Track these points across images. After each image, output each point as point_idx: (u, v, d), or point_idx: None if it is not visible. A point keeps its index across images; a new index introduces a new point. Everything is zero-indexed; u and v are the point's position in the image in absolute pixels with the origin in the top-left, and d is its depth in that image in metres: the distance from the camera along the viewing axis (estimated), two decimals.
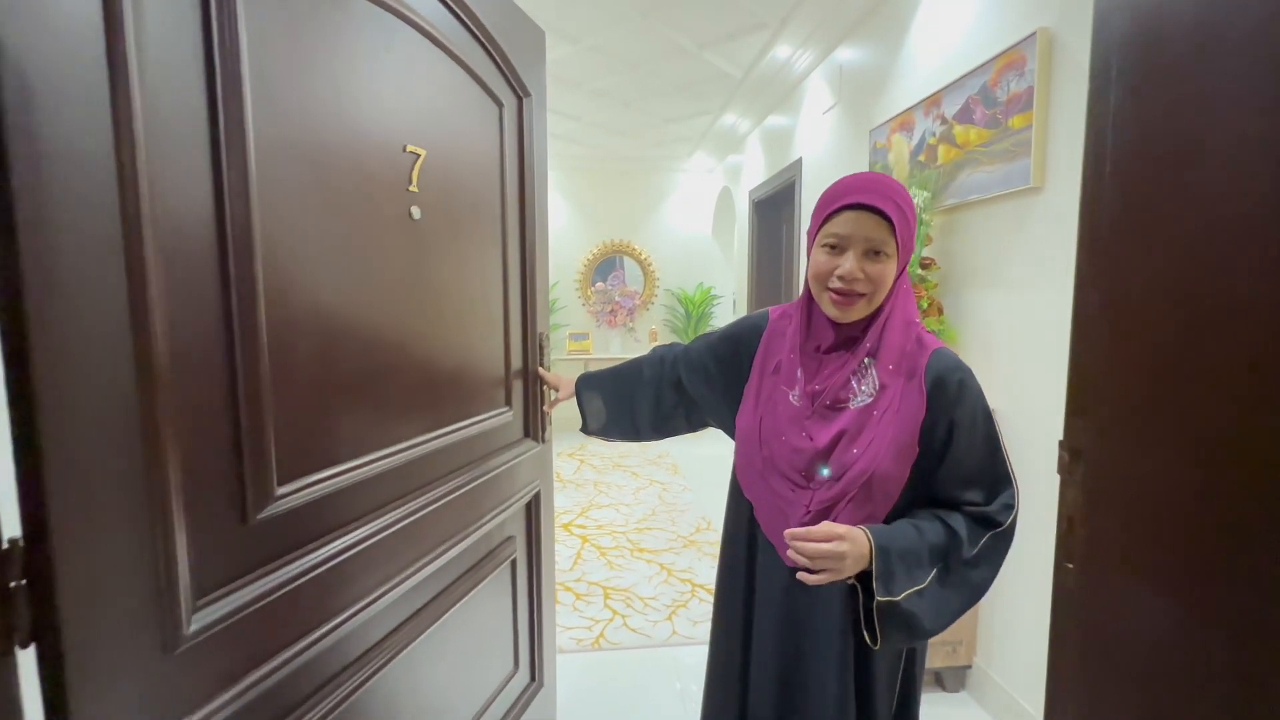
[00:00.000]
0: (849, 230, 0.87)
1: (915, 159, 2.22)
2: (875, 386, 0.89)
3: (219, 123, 0.71)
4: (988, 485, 0.88)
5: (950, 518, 0.87)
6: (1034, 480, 1.70)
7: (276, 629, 0.81)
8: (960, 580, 0.86)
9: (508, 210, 1.34)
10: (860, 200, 0.86)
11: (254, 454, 0.77)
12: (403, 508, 1.05)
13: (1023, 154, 1.67)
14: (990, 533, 0.87)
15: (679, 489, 4.05)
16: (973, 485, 0.88)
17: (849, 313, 0.89)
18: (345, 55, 0.89)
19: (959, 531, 0.86)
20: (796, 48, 3.20)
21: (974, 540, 0.86)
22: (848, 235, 0.87)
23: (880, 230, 0.86)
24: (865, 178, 0.89)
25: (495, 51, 1.28)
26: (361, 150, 0.93)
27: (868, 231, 0.86)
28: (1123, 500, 0.71)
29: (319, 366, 0.87)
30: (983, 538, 0.87)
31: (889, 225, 0.86)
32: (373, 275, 0.96)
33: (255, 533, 0.78)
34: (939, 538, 0.86)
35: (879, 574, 0.81)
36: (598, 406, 1.31)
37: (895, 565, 0.82)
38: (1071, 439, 0.76)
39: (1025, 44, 1.65)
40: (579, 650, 2.20)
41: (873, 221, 0.86)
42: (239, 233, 0.73)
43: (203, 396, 0.71)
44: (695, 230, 6.06)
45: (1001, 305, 1.84)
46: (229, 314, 0.73)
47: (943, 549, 0.85)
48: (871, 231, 0.86)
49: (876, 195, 0.86)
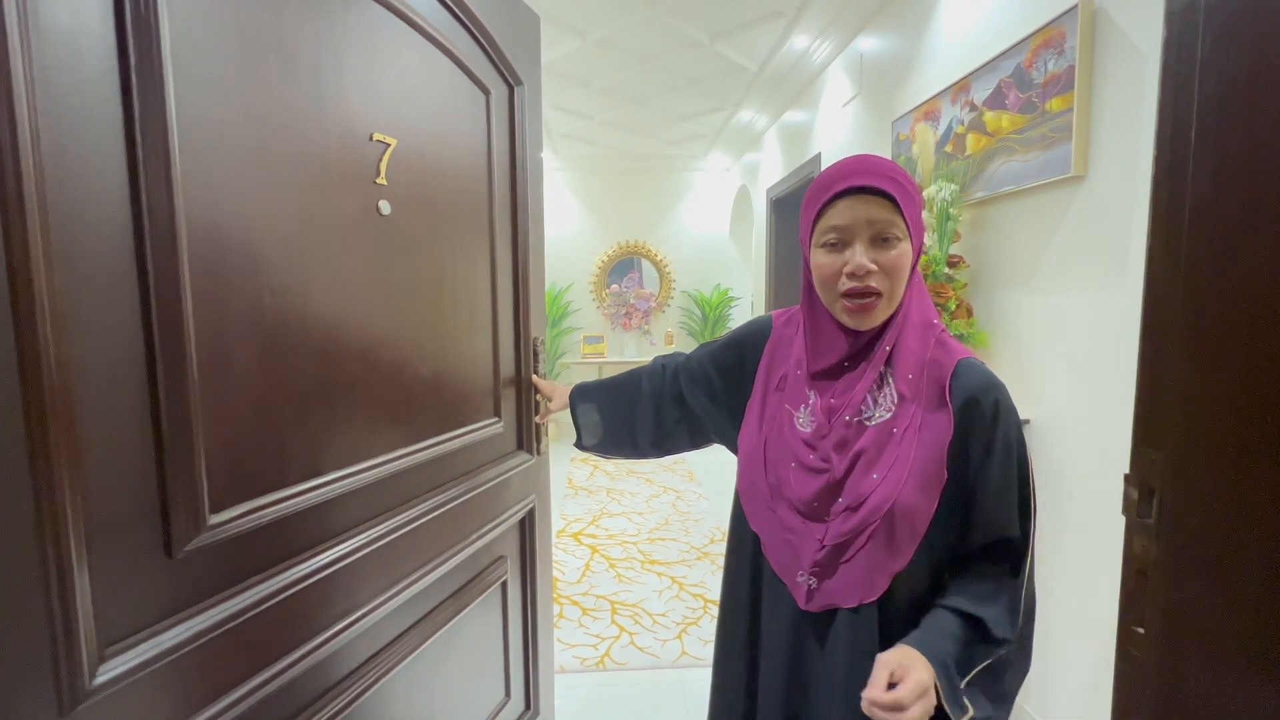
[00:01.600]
0: (848, 219, 0.74)
1: (941, 150, 2.07)
2: (894, 400, 0.76)
3: (133, 98, 0.62)
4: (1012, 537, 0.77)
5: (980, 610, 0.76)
6: (1070, 503, 1.55)
7: (215, 672, 0.72)
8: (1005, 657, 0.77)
9: (496, 206, 1.24)
10: (854, 184, 0.74)
11: (180, 478, 0.67)
12: (372, 531, 0.95)
13: (1062, 140, 1.52)
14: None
15: (694, 497, 3.93)
16: (998, 535, 0.76)
17: (870, 318, 0.77)
18: (296, 32, 0.80)
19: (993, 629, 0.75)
20: (815, 37, 3.06)
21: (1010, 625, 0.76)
22: (848, 225, 0.75)
23: (885, 210, 0.74)
24: (854, 160, 0.76)
25: (482, 36, 1.18)
26: (316, 137, 0.83)
27: (871, 215, 0.74)
28: (1214, 555, 0.57)
29: (264, 377, 0.78)
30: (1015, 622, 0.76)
31: (893, 205, 0.74)
32: (331, 276, 0.87)
33: (183, 567, 0.69)
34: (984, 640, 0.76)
35: (947, 698, 0.71)
36: (594, 420, 1.19)
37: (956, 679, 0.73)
38: (1143, 473, 0.62)
39: (1065, 19, 1.51)
40: (583, 670, 2.09)
41: (874, 203, 0.74)
42: (159, 225, 0.64)
43: (111, 413, 0.61)
44: (712, 231, 5.93)
45: (1037, 307, 1.69)
46: (147, 317, 0.64)
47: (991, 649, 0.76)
48: (875, 213, 0.74)
49: (871, 175, 0.74)
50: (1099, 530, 1.47)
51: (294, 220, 0.80)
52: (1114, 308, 1.42)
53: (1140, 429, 0.64)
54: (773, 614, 0.86)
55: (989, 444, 0.75)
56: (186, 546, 0.69)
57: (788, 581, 0.82)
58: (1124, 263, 1.39)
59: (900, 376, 0.77)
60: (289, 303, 0.80)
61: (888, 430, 0.76)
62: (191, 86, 0.67)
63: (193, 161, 0.67)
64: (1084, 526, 1.52)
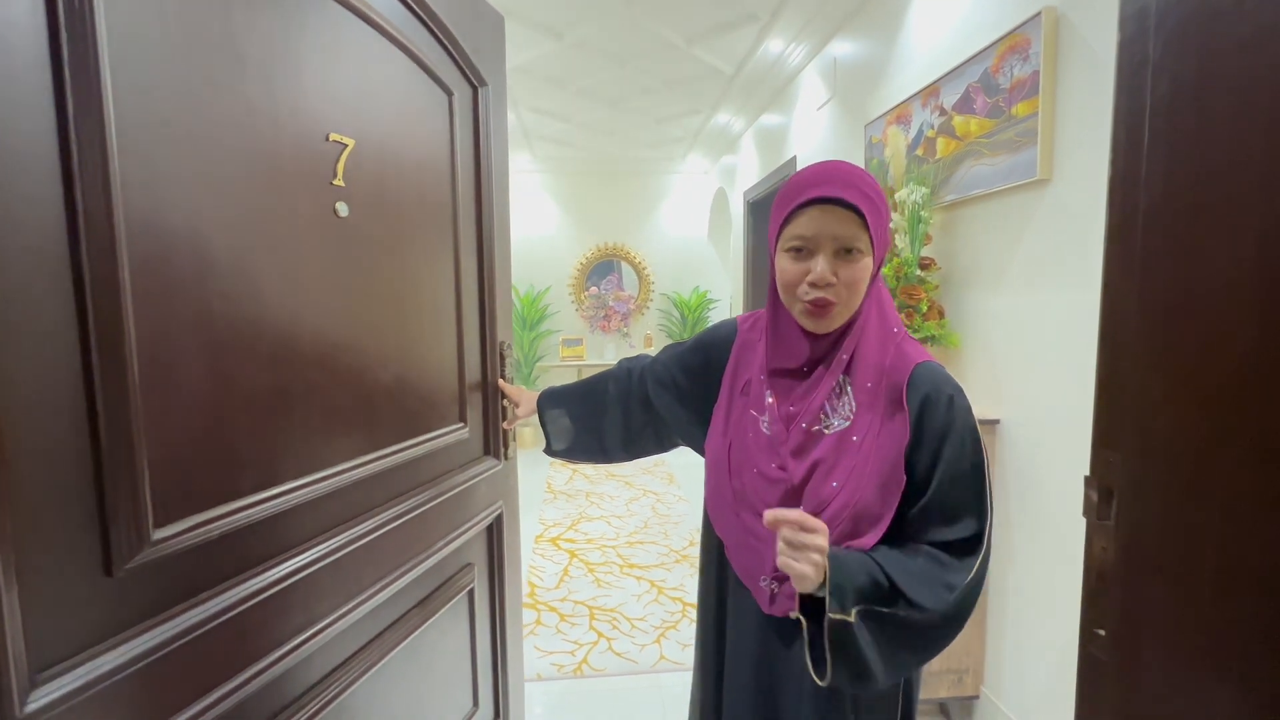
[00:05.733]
0: (814, 230, 0.75)
1: (913, 153, 2.09)
2: (852, 408, 0.77)
3: (66, 94, 0.59)
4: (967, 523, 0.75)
5: (925, 552, 0.74)
6: (1039, 504, 1.57)
7: (162, 694, 0.69)
8: (923, 625, 0.73)
9: (461, 209, 1.22)
10: (824, 194, 0.74)
11: (120, 493, 0.64)
12: (331, 541, 0.92)
13: (1028, 144, 1.54)
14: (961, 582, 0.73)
15: (674, 499, 3.92)
16: (954, 522, 0.75)
17: (827, 321, 0.78)
18: (247, 28, 0.77)
19: (934, 566, 0.73)
20: (789, 41, 3.08)
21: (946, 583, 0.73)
22: (813, 235, 0.76)
23: (850, 225, 0.74)
24: (826, 167, 0.77)
25: (444, 35, 1.16)
26: (269, 136, 0.80)
27: (836, 229, 0.75)
28: (1171, 557, 0.57)
29: (214, 385, 0.75)
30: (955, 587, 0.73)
31: (859, 219, 0.74)
32: (286, 280, 0.84)
33: (125, 585, 0.66)
34: (909, 567, 0.73)
35: (833, 588, 0.69)
36: (564, 425, 1.18)
37: (851, 578, 0.70)
38: (1101, 475, 0.62)
39: (1029, 25, 1.53)
40: (559, 678, 2.06)
41: (840, 216, 0.74)
42: (96, 228, 0.61)
43: (44, 426, 0.58)
44: (690, 233, 5.94)
45: (1006, 307, 1.71)
46: (84, 325, 0.61)
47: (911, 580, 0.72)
48: (840, 228, 0.74)
49: (841, 185, 0.74)
50: (1067, 531, 1.49)
51: (245, 222, 0.78)
52: (1078, 310, 1.44)
53: (1099, 431, 0.65)
54: (738, 618, 0.86)
55: (945, 433, 0.74)
56: (128, 564, 0.66)
57: (750, 586, 0.81)
58: (1086, 265, 1.41)
59: (859, 385, 0.77)
60: (241, 308, 0.78)
61: (847, 438, 0.76)
62: (132, 82, 0.64)
63: (133, 161, 0.64)
64: (1053, 527, 1.54)
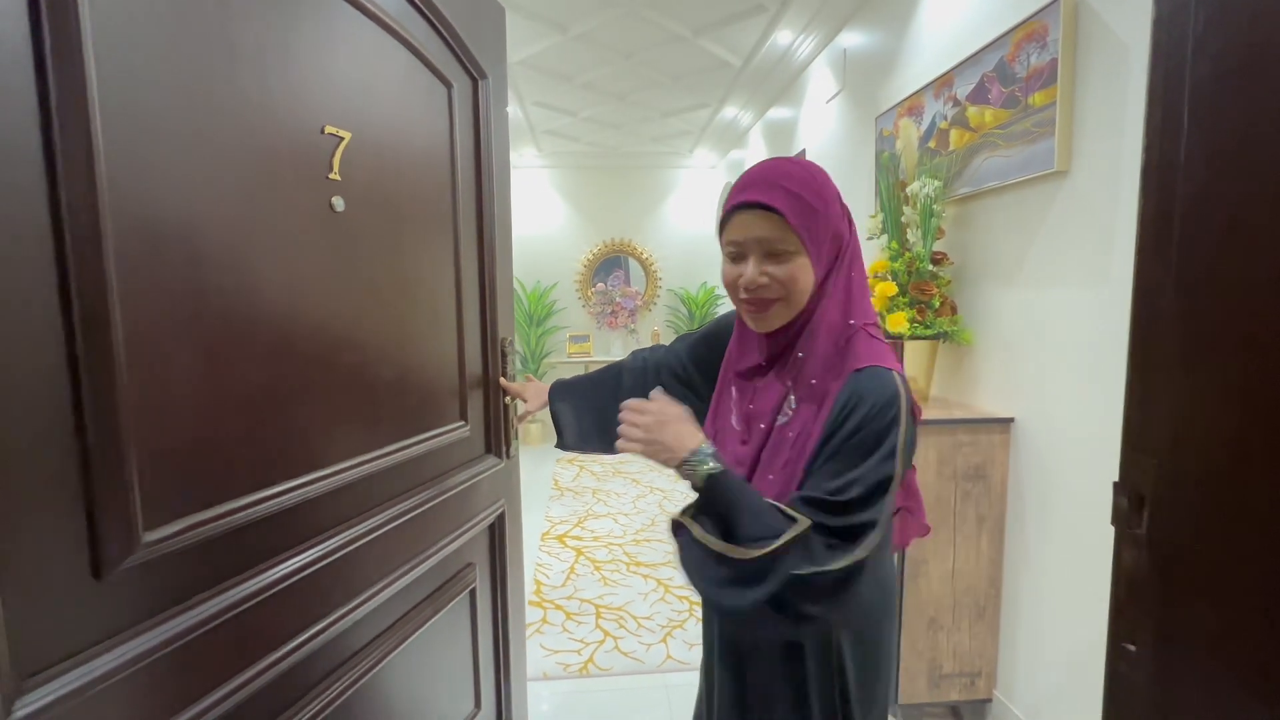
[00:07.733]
0: (742, 234, 0.77)
1: (925, 145, 2.05)
2: (793, 405, 0.78)
3: (49, 83, 0.57)
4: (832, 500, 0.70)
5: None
6: (1057, 508, 1.53)
7: (157, 698, 0.68)
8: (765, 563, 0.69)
9: (461, 203, 1.20)
10: (745, 199, 0.75)
11: (109, 494, 0.62)
12: (329, 542, 0.91)
13: (1045, 135, 1.50)
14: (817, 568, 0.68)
15: (681, 497, 3.89)
16: (820, 487, 0.71)
17: (766, 321, 0.79)
18: (241, 17, 0.75)
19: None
20: (798, 32, 3.03)
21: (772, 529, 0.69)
22: (743, 240, 0.78)
23: (772, 228, 0.74)
24: (756, 170, 0.78)
25: (443, 27, 1.14)
26: (263, 129, 0.78)
27: (759, 233, 0.75)
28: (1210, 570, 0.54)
29: (208, 383, 0.73)
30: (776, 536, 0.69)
31: (783, 221, 0.74)
32: (282, 275, 0.82)
33: (116, 588, 0.64)
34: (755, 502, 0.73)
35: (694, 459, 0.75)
36: (576, 419, 1.16)
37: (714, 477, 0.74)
38: (1132, 481, 0.59)
39: (1047, 11, 1.48)
40: (565, 677, 2.05)
41: (762, 221, 0.75)
42: (81, 221, 0.59)
43: (28, 427, 0.56)
44: (698, 229, 5.90)
45: (1021, 304, 1.67)
46: (69, 322, 0.59)
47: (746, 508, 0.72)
48: (762, 232, 0.75)
49: (764, 189, 0.74)
50: (1088, 537, 1.45)
51: (238, 215, 0.76)
52: (1097, 306, 1.40)
53: (1129, 433, 0.61)
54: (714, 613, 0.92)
55: (844, 420, 0.71)
56: (119, 566, 0.64)
57: None
58: (1107, 260, 1.37)
59: (803, 382, 0.78)
60: (234, 303, 0.76)
61: (784, 434, 0.78)
62: (118, 72, 0.62)
63: (120, 153, 0.62)
64: (1069, 529, 1.51)
